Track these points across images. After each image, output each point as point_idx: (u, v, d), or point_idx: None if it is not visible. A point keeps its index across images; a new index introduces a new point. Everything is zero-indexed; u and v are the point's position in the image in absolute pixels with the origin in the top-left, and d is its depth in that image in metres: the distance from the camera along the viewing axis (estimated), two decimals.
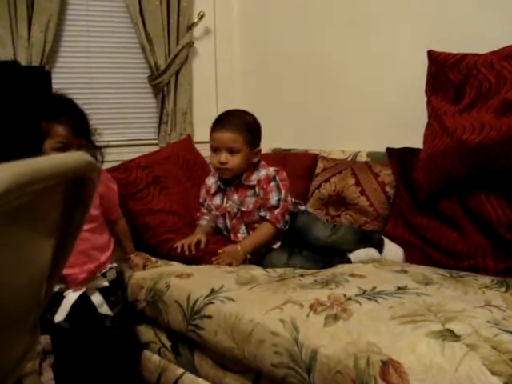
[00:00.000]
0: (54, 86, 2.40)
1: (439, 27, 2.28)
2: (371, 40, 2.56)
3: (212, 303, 1.69)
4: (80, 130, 1.83)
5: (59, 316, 1.83)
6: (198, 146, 2.82)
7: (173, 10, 2.94)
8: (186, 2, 2.98)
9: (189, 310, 1.75)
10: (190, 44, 3.02)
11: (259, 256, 2.13)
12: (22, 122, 1.85)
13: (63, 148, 1.77)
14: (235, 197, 2.18)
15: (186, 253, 2.10)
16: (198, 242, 2.14)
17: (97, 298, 1.89)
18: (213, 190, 2.25)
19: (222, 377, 1.70)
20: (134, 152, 2.58)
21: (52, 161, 0.59)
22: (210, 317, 1.67)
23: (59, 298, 1.85)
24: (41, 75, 2.41)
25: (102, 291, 1.91)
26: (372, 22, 2.54)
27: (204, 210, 2.29)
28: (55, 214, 0.66)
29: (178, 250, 2.12)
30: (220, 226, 2.24)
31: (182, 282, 1.88)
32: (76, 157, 0.63)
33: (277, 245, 2.16)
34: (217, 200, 2.23)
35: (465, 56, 2.01)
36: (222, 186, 2.21)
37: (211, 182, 2.28)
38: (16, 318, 0.60)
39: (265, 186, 2.12)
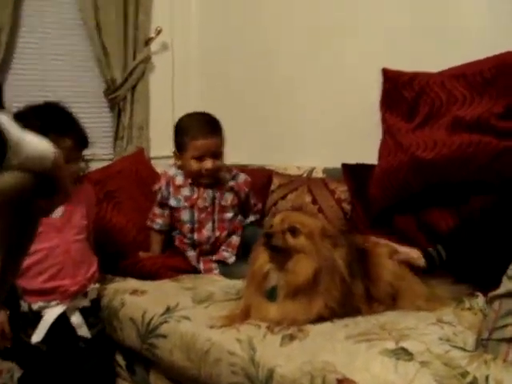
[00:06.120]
0: (5, 100, 2.34)
1: (393, 45, 2.32)
2: (327, 56, 2.59)
3: (167, 322, 1.67)
4: (84, 144, 1.82)
5: (36, 336, 1.73)
6: (154, 162, 2.80)
7: (130, 25, 2.90)
8: (143, 17, 2.96)
9: (144, 327, 1.73)
10: (147, 59, 3.00)
11: None
12: None
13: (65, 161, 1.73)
14: (209, 191, 2.12)
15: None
16: None
17: (77, 319, 1.79)
18: (180, 182, 2.14)
19: None
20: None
21: None
22: (165, 336, 1.65)
23: (36, 318, 1.75)
24: None
25: (82, 312, 1.82)
26: (328, 38, 2.57)
27: (157, 211, 2.19)
28: (1, 231, 0.65)
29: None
30: (184, 219, 2.13)
31: (137, 299, 1.86)
32: (14, 177, 0.63)
33: (232, 259, 2.14)
34: (185, 191, 2.13)
35: (417, 74, 2.06)
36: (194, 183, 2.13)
37: (174, 172, 2.17)
38: None
39: (246, 190, 2.16)
